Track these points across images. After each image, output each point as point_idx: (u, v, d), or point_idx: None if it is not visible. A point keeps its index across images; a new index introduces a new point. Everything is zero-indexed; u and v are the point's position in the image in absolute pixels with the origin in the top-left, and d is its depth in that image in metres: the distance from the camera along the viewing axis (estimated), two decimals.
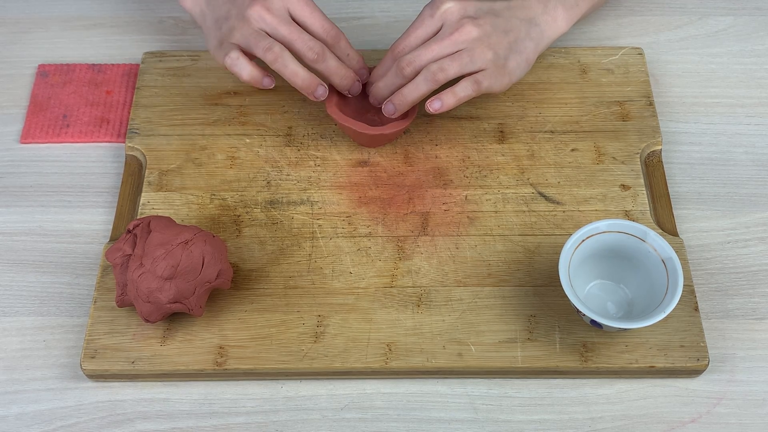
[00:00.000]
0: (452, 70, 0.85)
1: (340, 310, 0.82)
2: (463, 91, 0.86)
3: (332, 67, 0.87)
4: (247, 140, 0.93)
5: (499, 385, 0.81)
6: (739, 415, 0.79)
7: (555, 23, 0.91)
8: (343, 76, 0.88)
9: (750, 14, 1.05)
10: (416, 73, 0.86)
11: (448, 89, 0.87)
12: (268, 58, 0.85)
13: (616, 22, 1.05)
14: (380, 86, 0.89)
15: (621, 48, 1.00)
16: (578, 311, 0.78)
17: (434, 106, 0.86)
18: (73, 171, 0.93)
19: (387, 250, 0.86)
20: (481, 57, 0.86)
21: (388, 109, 0.88)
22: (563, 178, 0.90)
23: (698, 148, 0.95)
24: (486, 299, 0.83)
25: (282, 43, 0.86)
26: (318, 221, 0.88)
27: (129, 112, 0.96)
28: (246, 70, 0.86)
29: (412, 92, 0.86)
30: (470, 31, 0.86)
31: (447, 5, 0.87)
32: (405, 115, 0.89)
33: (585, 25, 1.04)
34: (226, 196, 0.89)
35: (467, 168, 0.91)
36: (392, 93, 0.88)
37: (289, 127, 0.94)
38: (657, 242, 0.79)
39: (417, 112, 0.91)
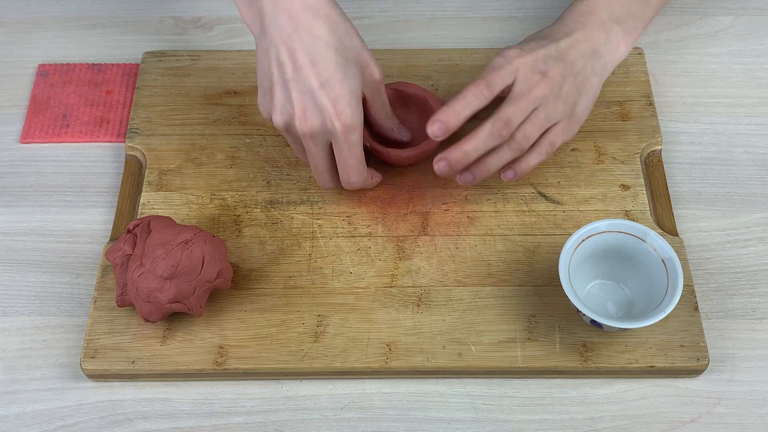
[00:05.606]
0: (534, 135, 0.83)
1: (340, 310, 0.82)
2: (536, 158, 0.85)
3: (327, 183, 0.86)
4: (247, 140, 0.93)
5: (499, 385, 0.81)
6: (739, 415, 0.79)
7: (617, 50, 0.87)
8: (324, 183, 0.87)
9: (750, 14, 1.05)
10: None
11: (522, 158, 0.85)
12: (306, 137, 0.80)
13: None
14: (489, 161, 0.85)
15: None
16: (578, 311, 0.78)
17: (507, 176, 0.86)
18: (73, 171, 0.93)
19: (387, 249, 0.86)
20: (554, 111, 0.83)
21: (465, 179, 0.86)
22: (563, 178, 0.90)
23: (698, 148, 0.95)
24: (486, 299, 0.83)
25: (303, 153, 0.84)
26: (318, 221, 0.88)
27: (129, 112, 0.96)
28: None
29: (495, 162, 0.84)
30: (543, 89, 0.83)
31: (519, 61, 0.82)
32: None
33: None
34: (226, 196, 0.89)
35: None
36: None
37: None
38: (657, 242, 0.79)
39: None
